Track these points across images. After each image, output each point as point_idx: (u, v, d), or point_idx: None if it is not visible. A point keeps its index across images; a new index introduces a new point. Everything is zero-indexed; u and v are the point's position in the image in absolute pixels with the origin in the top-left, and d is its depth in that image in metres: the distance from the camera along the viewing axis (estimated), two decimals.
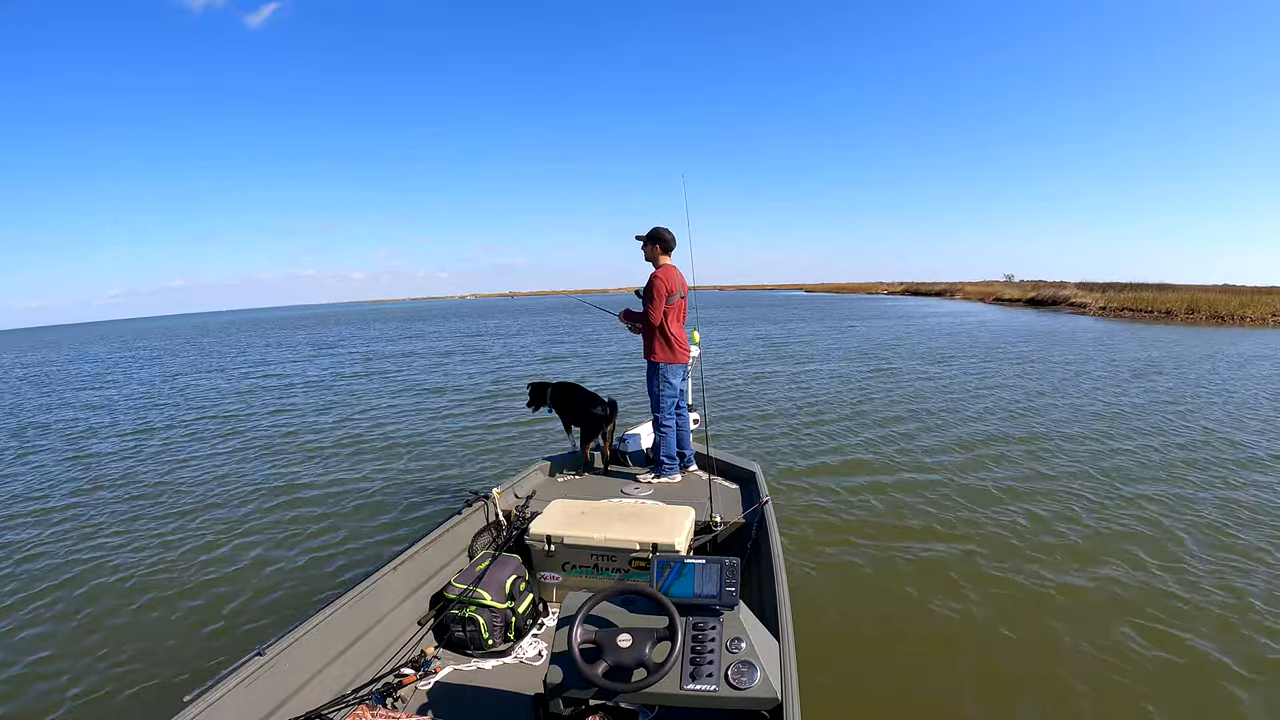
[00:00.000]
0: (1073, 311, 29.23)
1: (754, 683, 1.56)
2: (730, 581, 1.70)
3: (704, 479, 3.62)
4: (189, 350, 26.27)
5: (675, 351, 3.83)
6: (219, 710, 1.74)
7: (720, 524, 3.07)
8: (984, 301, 41.59)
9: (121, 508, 5.77)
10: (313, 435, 8.43)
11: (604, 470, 4.05)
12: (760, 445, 6.94)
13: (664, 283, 3.71)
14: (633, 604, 1.72)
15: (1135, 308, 27.23)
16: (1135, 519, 4.63)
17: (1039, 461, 6.07)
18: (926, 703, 2.73)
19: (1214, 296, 26.05)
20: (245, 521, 5.22)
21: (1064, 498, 5.08)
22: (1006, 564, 3.96)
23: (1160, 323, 23.06)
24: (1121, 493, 5.17)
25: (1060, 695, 2.75)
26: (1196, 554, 4.02)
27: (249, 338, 33.05)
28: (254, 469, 6.87)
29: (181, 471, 6.94)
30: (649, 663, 1.58)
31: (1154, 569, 3.85)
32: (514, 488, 3.57)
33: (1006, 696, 2.77)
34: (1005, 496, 5.14)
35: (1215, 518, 4.59)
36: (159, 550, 4.71)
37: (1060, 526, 4.52)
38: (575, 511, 2.98)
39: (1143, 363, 12.52)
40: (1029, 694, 2.78)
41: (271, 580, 4.10)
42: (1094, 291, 32.82)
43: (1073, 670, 2.90)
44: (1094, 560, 3.98)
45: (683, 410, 4.00)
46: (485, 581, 2.61)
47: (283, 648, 2.00)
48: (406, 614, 2.60)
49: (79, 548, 4.84)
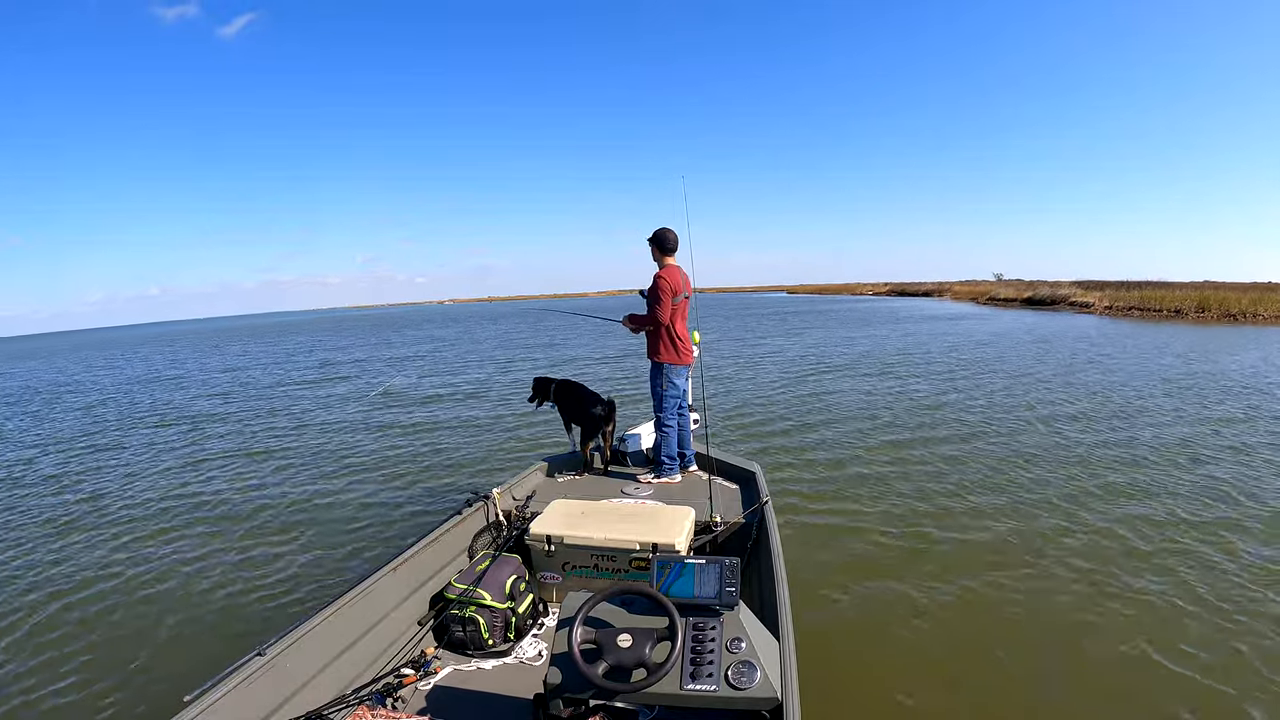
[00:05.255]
0: (1075, 311, 28.60)
1: (754, 683, 1.56)
2: (730, 581, 1.69)
3: (704, 479, 3.62)
4: (169, 358, 26.25)
5: (679, 352, 3.83)
6: (219, 710, 1.74)
7: (720, 524, 3.07)
8: (975, 302, 40.28)
9: (121, 508, 5.78)
10: (312, 436, 8.43)
11: (604, 470, 4.04)
12: (760, 445, 6.94)
13: (669, 284, 3.72)
14: (633, 604, 1.72)
15: (1143, 306, 26.39)
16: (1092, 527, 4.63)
17: (1039, 461, 6.07)
18: (927, 703, 2.73)
19: (1224, 294, 25.09)
20: (245, 522, 5.22)
21: (1052, 490, 5.09)
22: (1009, 564, 3.96)
23: (1171, 321, 22.26)
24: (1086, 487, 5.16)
25: (1061, 696, 2.76)
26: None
27: (242, 345, 33.02)
28: (253, 470, 6.88)
29: (180, 473, 6.94)
30: (649, 663, 1.58)
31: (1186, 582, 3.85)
32: (514, 488, 3.56)
33: (1007, 696, 2.77)
34: (1006, 495, 5.15)
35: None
36: (158, 551, 4.72)
37: (1064, 523, 4.52)
38: (575, 512, 2.98)
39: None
40: (1029, 693, 2.78)
41: (272, 580, 4.10)
42: (1093, 290, 32.04)
43: (1071, 670, 2.91)
44: (1099, 568, 3.92)
45: (684, 410, 4.01)
46: (485, 582, 2.61)
47: (283, 648, 2.00)
48: (407, 614, 2.60)
49: (78, 548, 4.84)
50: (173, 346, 34.16)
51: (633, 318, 3.93)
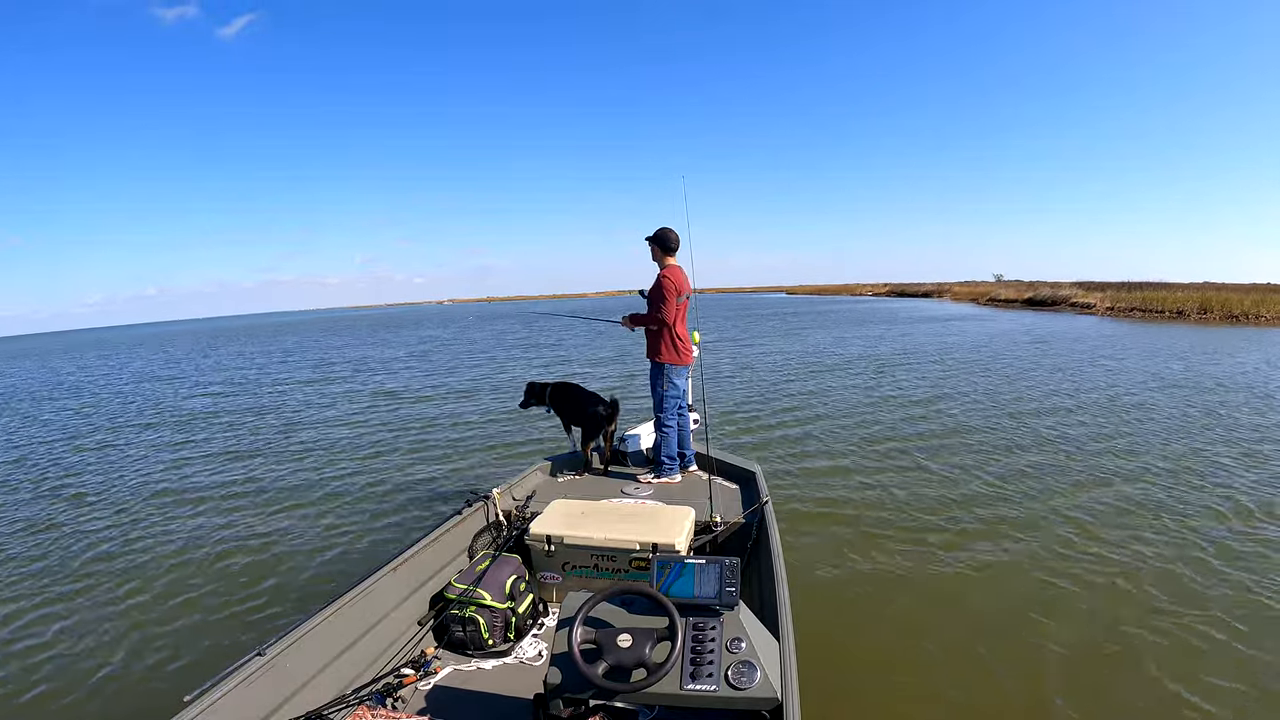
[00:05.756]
0: (1076, 312, 28.56)
1: (754, 683, 1.56)
2: (730, 581, 1.69)
3: (704, 479, 3.62)
4: (165, 358, 26.24)
5: (680, 353, 3.83)
6: (219, 710, 1.74)
7: (720, 524, 3.07)
8: (976, 303, 40.09)
9: (120, 509, 5.77)
10: (312, 436, 8.43)
11: (604, 470, 4.04)
12: (760, 445, 6.94)
13: (672, 283, 3.72)
14: (633, 604, 1.72)
15: (1145, 307, 26.39)
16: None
17: (1043, 463, 6.07)
18: (928, 703, 2.73)
19: (1226, 295, 25.19)
20: (245, 522, 5.22)
21: (1057, 494, 5.08)
22: (1011, 565, 3.96)
23: (1174, 323, 22.20)
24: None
25: (1062, 697, 2.75)
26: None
27: (239, 345, 33.00)
28: (253, 471, 6.87)
29: (178, 474, 6.94)
30: (649, 663, 1.58)
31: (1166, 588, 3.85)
32: (514, 488, 3.56)
33: (1008, 696, 2.77)
34: (1005, 496, 5.15)
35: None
36: (158, 551, 4.71)
37: (1068, 526, 4.52)
38: (575, 512, 2.98)
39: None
40: (1031, 693, 2.78)
41: (272, 580, 4.10)
42: (1094, 291, 32.01)
43: (1074, 670, 2.91)
44: (1106, 571, 3.90)
45: (684, 410, 4.01)
46: (485, 582, 2.61)
47: (283, 648, 2.00)
48: (407, 614, 2.60)
49: (77, 549, 4.84)
50: (170, 347, 34.16)
51: (633, 317, 3.93)
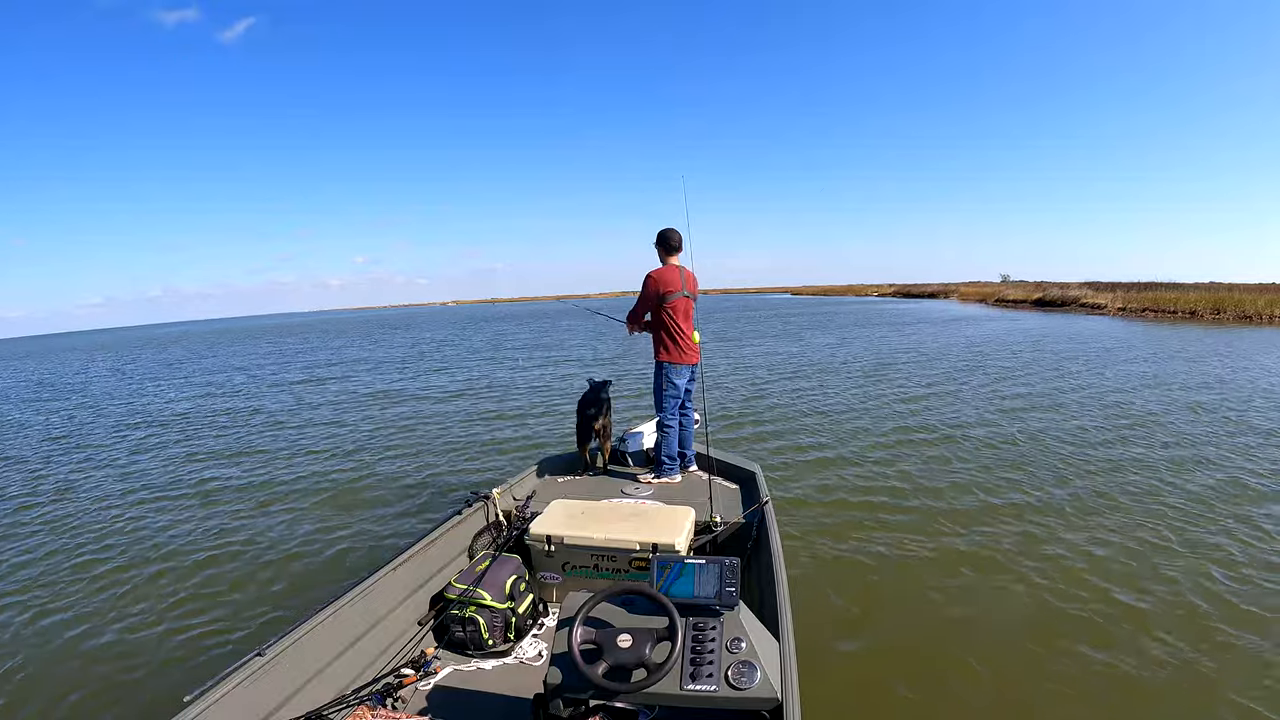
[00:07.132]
0: (1087, 313, 28.19)
1: (754, 683, 1.55)
2: (730, 582, 1.69)
3: (704, 479, 3.61)
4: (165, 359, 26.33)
5: (676, 351, 3.80)
6: (219, 710, 1.74)
7: (720, 524, 3.06)
8: (984, 303, 39.76)
9: (120, 509, 5.79)
10: (311, 436, 8.45)
11: (604, 470, 4.04)
12: (760, 444, 6.93)
13: (656, 282, 3.70)
14: (633, 604, 1.72)
15: (1157, 308, 26.21)
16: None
17: (1047, 466, 6.05)
18: (928, 703, 2.71)
19: (1239, 295, 25.09)
20: (245, 522, 5.23)
21: (1060, 497, 5.06)
22: (1012, 566, 3.93)
23: (1188, 323, 21.99)
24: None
25: (1064, 697, 2.73)
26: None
27: (241, 346, 33.10)
28: (252, 471, 6.89)
29: (177, 473, 6.96)
30: (649, 663, 1.57)
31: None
32: (514, 488, 3.56)
33: (1009, 697, 2.75)
34: (1004, 496, 5.12)
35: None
36: (158, 551, 4.72)
37: (1072, 529, 4.50)
38: (575, 512, 2.98)
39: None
40: (1032, 694, 2.76)
41: (272, 581, 4.11)
42: (1102, 291, 31.66)
43: (1076, 671, 2.89)
44: (1111, 574, 3.85)
45: (686, 410, 4.00)
46: (485, 582, 2.61)
47: (283, 648, 2.00)
48: (406, 614, 2.60)
49: (76, 550, 4.85)
50: (170, 348, 34.25)
51: (630, 317, 3.94)
